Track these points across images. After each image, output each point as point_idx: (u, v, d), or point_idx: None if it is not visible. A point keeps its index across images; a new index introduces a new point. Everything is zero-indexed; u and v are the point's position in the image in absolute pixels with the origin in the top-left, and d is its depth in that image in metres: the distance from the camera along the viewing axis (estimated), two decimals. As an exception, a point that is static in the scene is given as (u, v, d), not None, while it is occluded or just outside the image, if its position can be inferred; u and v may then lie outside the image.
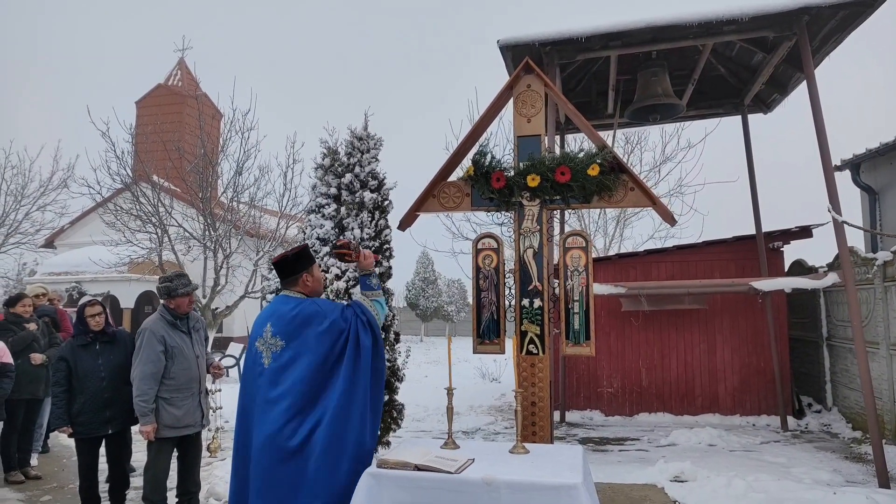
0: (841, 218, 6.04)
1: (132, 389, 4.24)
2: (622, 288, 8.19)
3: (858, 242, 10.81)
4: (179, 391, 4.31)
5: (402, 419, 5.60)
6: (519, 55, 6.65)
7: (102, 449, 4.67)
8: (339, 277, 5.27)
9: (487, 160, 4.11)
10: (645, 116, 7.96)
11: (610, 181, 3.92)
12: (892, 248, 7.15)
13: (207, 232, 12.80)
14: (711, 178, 15.72)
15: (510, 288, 4.14)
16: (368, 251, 3.57)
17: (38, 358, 6.01)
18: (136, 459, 4.90)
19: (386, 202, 5.64)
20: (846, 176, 10.85)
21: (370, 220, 5.48)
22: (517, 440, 3.23)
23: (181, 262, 12.99)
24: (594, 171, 3.88)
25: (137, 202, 12.84)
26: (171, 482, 4.51)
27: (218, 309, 13.04)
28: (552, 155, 4.16)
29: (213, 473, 5.89)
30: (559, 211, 4.68)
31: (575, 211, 13.19)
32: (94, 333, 4.59)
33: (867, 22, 6.10)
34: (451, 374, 3.41)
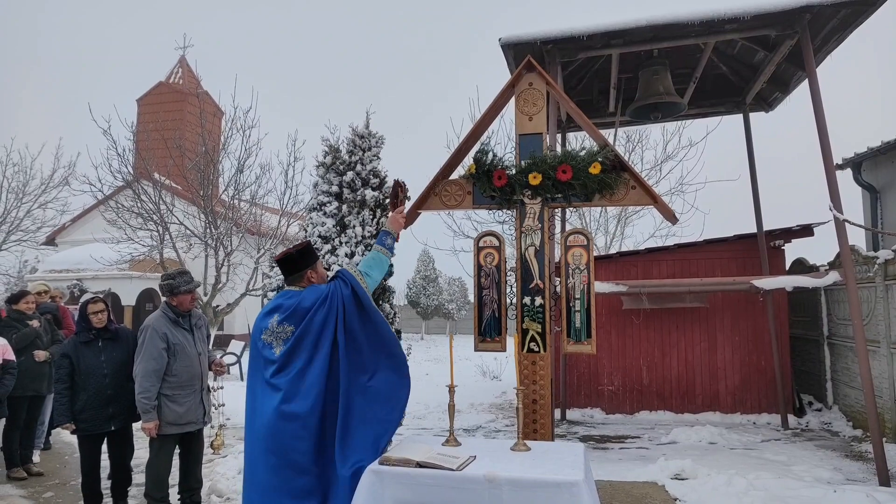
0: (842, 216, 6.04)
1: (134, 386, 4.26)
2: (623, 286, 8.20)
3: (860, 241, 10.81)
4: (182, 388, 4.33)
5: (403, 417, 5.60)
6: (520, 53, 6.65)
7: (105, 446, 4.69)
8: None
9: (489, 158, 4.11)
10: (646, 115, 7.96)
11: (611, 179, 3.93)
12: (893, 246, 7.15)
13: (209, 230, 12.82)
14: (713, 176, 15.70)
15: (511, 286, 4.14)
16: (404, 217, 3.79)
17: (41, 355, 6.02)
18: (138, 456, 4.91)
19: (387, 200, 5.65)
20: (847, 174, 10.86)
21: (371, 217, 5.50)
22: (518, 438, 3.24)
23: (182, 259, 13.01)
24: (596, 169, 3.89)
25: (139, 200, 12.86)
26: (173, 479, 4.54)
27: (219, 307, 13.06)
28: (554, 153, 4.17)
29: (214, 470, 5.90)
30: (560, 209, 4.69)
31: (576, 209, 13.19)
32: (96, 330, 4.61)
33: (869, 20, 6.11)
34: (452, 371, 3.42)
